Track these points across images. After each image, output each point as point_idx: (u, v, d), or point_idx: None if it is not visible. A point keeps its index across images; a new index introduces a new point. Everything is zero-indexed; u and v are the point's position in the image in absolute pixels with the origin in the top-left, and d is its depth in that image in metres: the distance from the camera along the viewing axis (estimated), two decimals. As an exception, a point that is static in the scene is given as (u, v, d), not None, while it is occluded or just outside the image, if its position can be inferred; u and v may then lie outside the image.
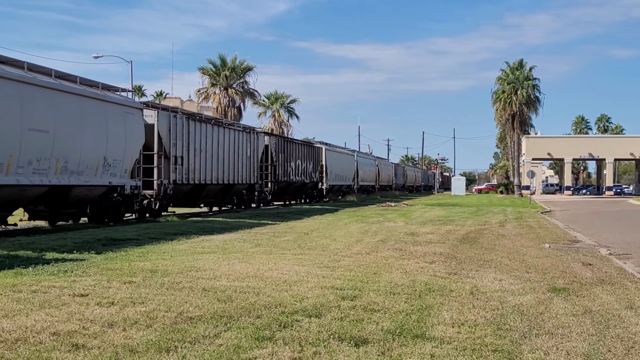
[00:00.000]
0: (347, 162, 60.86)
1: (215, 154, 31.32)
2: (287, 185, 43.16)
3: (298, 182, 45.07)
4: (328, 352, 6.46)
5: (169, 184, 26.77)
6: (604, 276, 11.96)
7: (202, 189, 30.68)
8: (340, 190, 59.98)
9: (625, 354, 6.72)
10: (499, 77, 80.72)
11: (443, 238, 18.89)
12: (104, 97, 22.31)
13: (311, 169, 48.25)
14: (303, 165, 46.03)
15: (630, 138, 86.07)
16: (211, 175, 30.84)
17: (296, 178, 44.49)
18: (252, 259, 13.32)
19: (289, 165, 42.82)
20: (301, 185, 46.74)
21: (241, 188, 35.76)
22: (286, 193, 44.99)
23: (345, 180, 60.02)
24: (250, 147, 36.00)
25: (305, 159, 46.90)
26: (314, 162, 49.28)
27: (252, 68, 62.17)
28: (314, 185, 50.09)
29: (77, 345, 6.50)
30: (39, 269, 11.27)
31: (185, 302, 8.56)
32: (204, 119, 31.45)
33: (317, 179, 50.18)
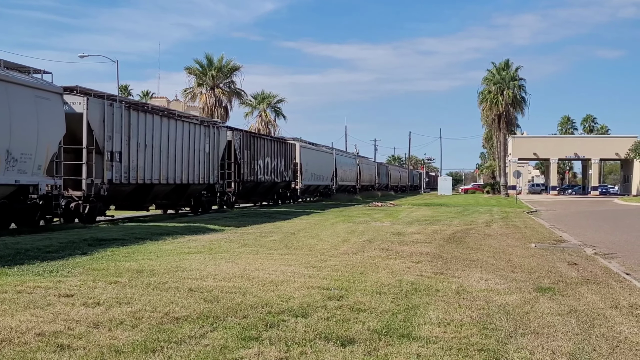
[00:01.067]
0: (324, 160, 57.25)
1: (165, 149, 27.43)
2: (254, 185, 39.62)
3: (267, 182, 41.56)
4: (314, 352, 6.46)
5: (102, 184, 22.98)
6: (590, 276, 12.03)
7: (148, 190, 26.83)
8: (318, 191, 57.01)
9: (610, 352, 6.76)
10: (485, 77, 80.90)
11: (429, 238, 18.94)
12: (5, 76, 18.36)
13: (283, 167, 44.39)
14: (273, 163, 42.29)
15: (616, 138, 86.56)
16: (159, 174, 27.03)
17: (265, 177, 40.85)
18: (239, 259, 13.31)
19: (257, 163, 39.17)
20: (271, 185, 42.88)
21: (199, 189, 31.73)
22: (254, 194, 41.31)
23: (323, 180, 56.52)
24: (209, 143, 32.06)
25: (276, 156, 43.00)
26: (287, 160, 45.46)
27: (238, 68, 62.09)
28: (287, 185, 46.30)
29: (62, 346, 6.47)
30: (24, 269, 11.22)
31: (171, 302, 8.54)
32: (150, 110, 27.43)
33: (290, 178, 46.21)
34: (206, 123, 32.97)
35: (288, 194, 47.03)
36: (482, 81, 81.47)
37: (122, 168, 24.30)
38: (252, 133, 40.96)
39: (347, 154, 72.92)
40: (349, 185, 68.94)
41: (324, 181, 56.56)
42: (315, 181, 53.39)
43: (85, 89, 23.38)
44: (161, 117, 27.65)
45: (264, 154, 40.43)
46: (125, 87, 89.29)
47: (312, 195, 55.61)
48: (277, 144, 44.09)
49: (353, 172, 70.45)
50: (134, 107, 25.77)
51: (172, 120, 28.60)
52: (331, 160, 59.81)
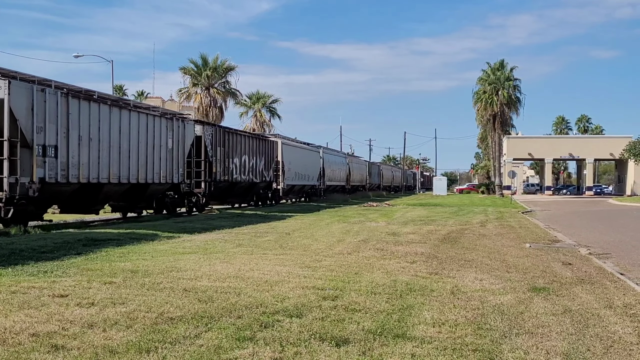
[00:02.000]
0: (310, 159, 53.46)
1: (115, 144, 23.80)
2: (229, 185, 36.14)
3: (245, 182, 38.17)
4: (309, 352, 6.46)
5: (31, 183, 19.45)
6: (584, 276, 12.05)
7: (97, 190, 23.28)
8: (303, 191, 53.67)
9: (604, 352, 6.77)
10: (480, 77, 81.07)
11: (424, 238, 18.95)
12: None
13: (263, 166, 40.96)
14: (252, 162, 38.92)
15: (610, 138, 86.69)
16: (109, 172, 23.33)
17: (242, 177, 37.45)
18: (234, 259, 13.30)
19: (232, 162, 35.65)
20: (250, 186, 39.49)
21: (161, 189, 28.42)
22: (230, 195, 37.84)
23: (309, 180, 52.86)
24: (173, 138, 28.34)
25: (255, 154, 39.62)
26: (268, 158, 41.99)
27: (233, 68, 62.17)
28: (267, 185, 42.79)
29: (56, 346, 6.45)
30: (18, 270, 11.19)
31: (165, 303, 8.53)
32: (97, 98, 23.29)
33: (271, 178, 42.86)
34: (169, 115, 29.13)
35: (269, 194, 43.72)
36: (477, 81, 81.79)
37: (59, 165, 20.67)
38: (227, 128, 36.78)
39: (335, 153, 69.10)
40: (338, 186, 66.04)
41: (309, 181, 53.26)
42: (300, 181, 50.13)
43: (9, 71, 20.03)
44: (110, 106, 23.82)
45: (240, 152, 37.01)
46: (120, 87, 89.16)
47: (297, 196, 53.10)
48: (257, 141, 40.66)
49: (342, 172, 67.23)
50: (74, 95, 21.81)
51: (124, 110, 24.78)
52: (317, 159, 56.56)
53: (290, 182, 46.77)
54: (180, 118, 30.16)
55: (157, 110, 28.41)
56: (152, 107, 29.17)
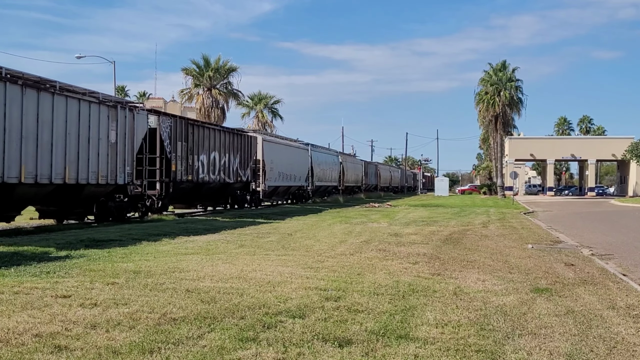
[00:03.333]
0: (296, 157, 48.89)
1: (31, 135, 19.31)
2: (195, 186, 31.59)
3: (215, 182, 33.60)
4: (312, 352, 6.46)
5: None
6: (586, 276, 12.04)
7: (7, 193, 18.82)
8: (289, 193, 49.19)
9: (608, 354, 6.77)
10: (482, 78, 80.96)
11: (426, 239, 18.95)
12: None
13: (238, 164, 36.46)
14: (224, 160, 34.40)
15: (612, 139, 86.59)
16: (19, 170, 18.79)
17: (211, 176, 32.90)
18: (236, 259, 13.30)
19: (197, 159, 31.09)
20: (222, 187, 34.97)
21: (102, 191, 23.70)
22: (196, 197, 33.71)
23: (295, 180, 48.22)
24: (117, 129, 23.68)
25: (229, 150, 35.11)
26: (245, 155, 37.59)
27: (235, 69, 62.15)
28: (244, 186, 38.25)
29: (59, 347, 6.46)
30: (21, 270, 11.20)
31: (168, 303, 8.53)
32: (2, 77, 18.33)
33: (249, 178, 38.38)
34: (111, 102, 23.91)
35: (247, 197, 39.18)
36: (479, 82, 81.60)
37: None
38: (191, 120, 32.22)
39: (326, 151, 63.42)
40: (330, 186, 61.38)
41: (296, 181, 48.51)
42: (285, 181, 45.65)
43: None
44: (23, 86, 19.07)
45: (209, 148, 32.54)
46: (122, 87, 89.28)
47: (282, 197, 48.83)
48: (230, 136, 35.97)
49: (335, 172, 62.17)
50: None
51: (45, 93, 20.06)
52: (305, 158, 51.75)
53: (273, 183, 42.63)
54: (128, 106, 25.09)
55: (96, 96, 22.95)
56: (90, 91, 22.93)
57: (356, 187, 73.09)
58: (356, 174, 73.38)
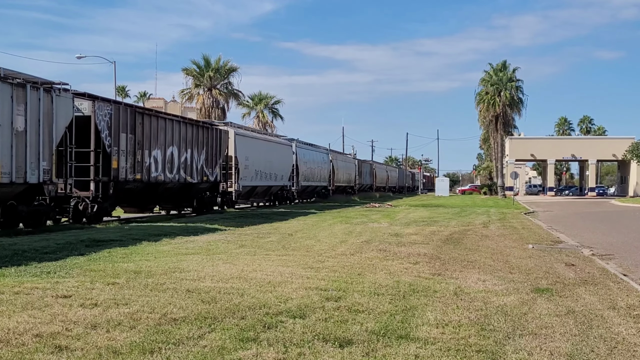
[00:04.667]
0: (277, 154, 44.32)
1: None
2: (146, 187, 26.94)
3: (173, 183, 29.07)
4: (312, 353, 6.46)
5: None
6: (587, 277, 12.04)
7: None
8: (269, 194, 44.18)
9: (608, 354, 6.77)
10: (482, 78, 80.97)
11: (427, 239, 18.94)
12: None
13: (204, 162, 31.88)
14: (185, 156, 29.72)
15: (613, 139, 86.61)
16: None
17: (168, 175, 28.25)
18: (236, 260, 13.30)
19: (149, 155, 26.50)
20: (183, 187, 30.36)
21: (5, 192, 19.09)
22: (153, 199, 29.28)
23: (276, 180, 43.81)
24: (28, 115, 19.21)
25: (192, 145, 30.41)
26: (213, 151, 32.93)
27: (236, 69, 62.16)
28: (213, 186, 33.80)
29: (60, 347, 6.46)
30: (21, 270, 11.20)
31: (169, 304, 8.53)
32: None
33: (218, 177, 33.78)
34: (17, 80, 19.23)
35: (218, 198, 34.53)
36: (479, 82, 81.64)
37: None
38: (140, 108, 27.54)
39: (314, 148, 57.76)
40: (318, 187, 57.04)
41: (277, 181, 44.17)
42: (264, 181, 41.16)
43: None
44: None
45: (164, 142, 27.89)
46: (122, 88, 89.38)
47: (261, 199, 43.90)
48: (194, 129, 31.13)
49: (324, 170, 57.76)
50: None
51: None
52: (289, 155, 47.38)
53: (249, 183, 38.36)
54: (44, 87, 20.23)
55: None
56: None
57: (349, 188, 69.78)
58: (349, 173, 69.62)
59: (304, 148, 52.20)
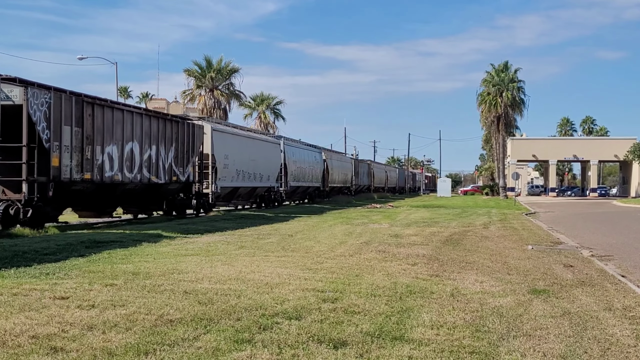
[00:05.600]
0: (263, 152, 40.88)
1: None
2: (98, 188, 23.48)
3: (134, 183, 25.57)
4: (306, 354, 6.49)
5: None
6: (585, 278, 12.05)
7: None
8: (254, 195, 40.72)
9: (602, 355, 6.79)
10: (484, 79, 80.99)
11: (427, 240, 18.97)
12: None
13: (173, 160, 28.35)
14: (149, 153, 26.24)
15: (615, 140, 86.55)
16: None
17: (127, 175, 24.71)
18: (235, 261, 13.34)
19: (102, 151, 23.01)
20: (148, 189, 27.08)
21: None
22: (109, 202, 25.80)
23: (262, 180, 40.23)
24: None
25: (157, 141, 26.94)
26: (184, 148, 29.41)
27: (237, 70, 62.27)
28: (185, 187, 30.29)
29: (55, 349, 6.49)
30: (20, 272, 11.24)
31: (165, 305, 8.56)
32: None
33: (191, 177, 30.27)
34: None
35: (193, 201, 30.90)
36: (481, 83, 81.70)
37: None
38: (89, 97, 22.79)
39: (306, 146, 54.52)
40: (311, 188, 53.84)
41: (263, 181, 40.62)
42: (247, 182, 37.77)
43: None
44: None
45: (122, 136, 24.46)
46: (124, 88, 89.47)
47: (245, 200, 40.41)
48: (160, 123, 27.50)
49: (317, 170, 54.36)
50: None
51: None
52: (276, 153, 43.91)
53: (229, 184, 35.02)
54: None
55: None
56: None
57: (344, 188, 66.92)
58: (344, 174, 66.24)
59: (293, 146, 49.45)
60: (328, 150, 62.79)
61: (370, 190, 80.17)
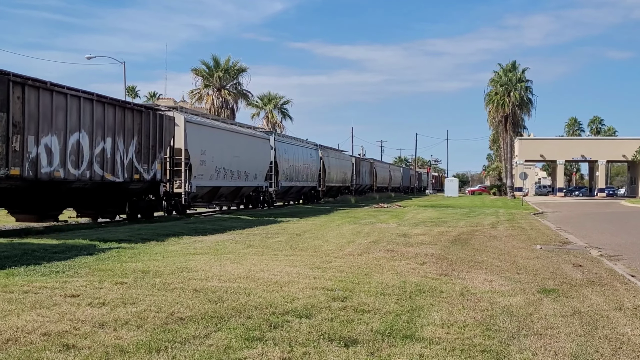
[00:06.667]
0: (250, 149, 37.18)
1: None
2: (29, 186, 19.79)
3: (82, 182, 21.57)
4: (317, 352, 6.50)
5: None
6: (594, 277, 12.02)
7: None
8: (239, 196, 37.34)
9: (613, 354, 6.77)
10: (491, 79, 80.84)
11: (435, 239, 18.95)
12: None
13: (134, 154, 24.41)
14: (102, 146, 22.24)
15: (623, 140, 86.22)
16: None
17: (72, 171, 20.59)
18: (244, 260, 13.35)
19: (37, 143, 18.90)
20: (102, 187, 23.29)
21: None
22: (50, 202, 22.32)
23: (248, 179, 36.82)
24: None
25: (114, 132, 23.04)
26: (150, 142, 25.48)
27: (245, 69, 62.26)
28: (151, 186, 26.31)
29: (67, 346, 6.52)
30: (30, 270, 11.28)
31: (176, 303, 8.58)
32: None
33: (158, 175, 26.21)
34: None
35: (163, 202, 27.59)
36: (488, 82, 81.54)
37: None
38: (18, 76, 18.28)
39: (300, 143, 50.68)
40: (306, 187, 50.31)
41: (249, 181, 37.23)
42: (230, 180, 34.27)
43: None
44: None
45: (65, 125, 20.27)
46: (132, 88, 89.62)
47: (229, 201, 37.06)
48: (117, 112, 23.45)
49: (312, 168, 50.60)
50: None
51: None
52: (266, 150, 40.32)
53: (207, 183, 31.43)
54: None
55: None
56: None
57: (344, 188, 63.45)
58: (343, 172, 62.21)
59: (285, 142, 45.54)
60: (325, 147, 58.42)
61: (372, 191, 77.82)
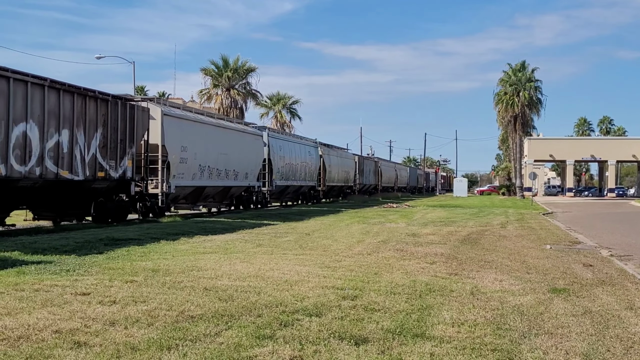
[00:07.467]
0: (239, 145, 34.16)
1: None
2: None
3: (31, 180, 18.78)
4: (328, 350, 6.50)
5: None
6: (605, 277, 11.98)
7: None
8: (228, 196, 34.24)
9: (624, 353, 6.75)
10: (501, 78, 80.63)
11: (444, 239, 18.92)
12: None
13: (98, 149, 21.72)
14: (57, 139, 19.57)
15: (633, 140, 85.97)
16: None
17: (13, 168, 17.88)
18: (254, 259, 13.37)
19: None
20: (55, 187, 20.43)
21: None
22: None
23: (238, 178, 33.89)
24: None
25: (73, 124, 20.31)
26: (117, 135, 22.74)
27: (254, 69, 62.28)
28: (121, 186, 23.75)
29: (79, 343, 6.54)
30: (41, 268, 11.32)
31: (186, 301, 8.60)
32: None
33: (128, 173, 23.63)
34: None
35: (138, 204, 25.54)
36: (498, 82, 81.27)
37: None
38: None
39: (298, 140, 47.69)
40: (305, 187, 47.22)
41: (239, 180, 34.22)
42: (216, 180, 31.35)
43: None
44: None
45: (8, 115, 17.64)
46: (141, 88, 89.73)
47: (217, 202, 33.86)
48: (77, 101, 20.68)
49: (311, 167, 47.85)
50: None
51: None
52: (257, 147, 37.27)
53: (190, 182, 28.54)
54: None
55: None
56: None
57: (346, 188, 61.01)
58: (345, 172, 59.09)
59: (280, 139, 42.52)
60: (325, 144, 55.22)
61: (377, 191, 75.54)
